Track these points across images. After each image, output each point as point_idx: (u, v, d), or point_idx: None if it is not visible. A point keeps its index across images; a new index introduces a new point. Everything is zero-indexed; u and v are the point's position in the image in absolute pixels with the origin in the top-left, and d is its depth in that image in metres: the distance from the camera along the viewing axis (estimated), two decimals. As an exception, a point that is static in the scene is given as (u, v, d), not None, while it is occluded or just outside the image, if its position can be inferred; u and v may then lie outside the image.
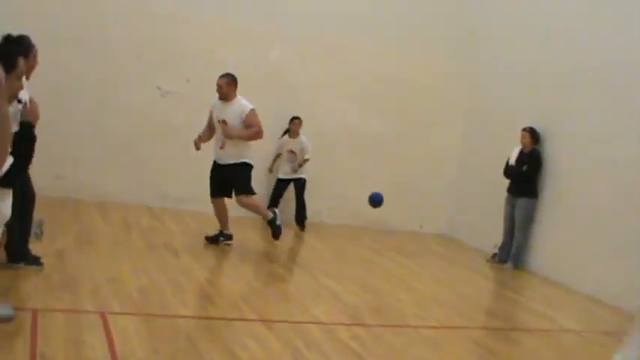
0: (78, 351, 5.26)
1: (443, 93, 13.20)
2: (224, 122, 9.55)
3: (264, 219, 9.87)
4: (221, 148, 9.62)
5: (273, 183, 12.14)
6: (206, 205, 11.36)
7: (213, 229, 10.00)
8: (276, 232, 9.75)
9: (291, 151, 11.96)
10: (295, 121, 12.00)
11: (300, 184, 12.02)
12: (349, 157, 12.67)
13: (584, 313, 9.22)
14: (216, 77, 11.66)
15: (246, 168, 9.66)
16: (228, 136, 9.50)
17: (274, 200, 11.96)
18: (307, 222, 11.89)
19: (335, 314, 7.38)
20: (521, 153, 11.22)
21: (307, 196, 11.96)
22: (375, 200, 9.52)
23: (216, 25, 11.83)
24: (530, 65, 11.82)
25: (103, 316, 6.14)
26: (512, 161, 11.28)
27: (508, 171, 11.33)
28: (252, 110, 9.53)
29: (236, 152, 9.58)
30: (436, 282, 9.88)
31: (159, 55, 11.49)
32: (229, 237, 9.81)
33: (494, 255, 11.52)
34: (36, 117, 6.04)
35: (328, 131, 12.46)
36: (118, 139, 11.37)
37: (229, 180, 9.66)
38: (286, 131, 12.09)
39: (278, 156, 12.15)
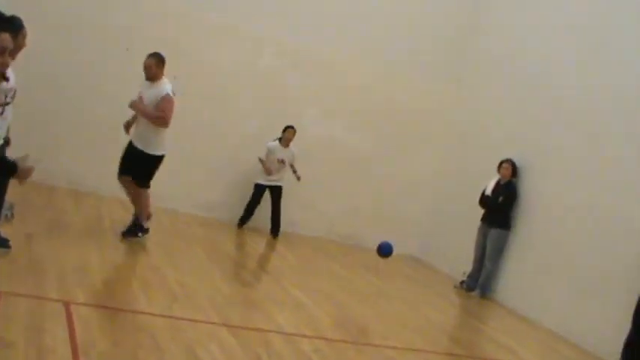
0: (38, 338, 5.22)
1: (428, 117, 13.24)
2: (141, 99, 9.10)
3: (137, 218, 9.21)
4: (129, 127, 9.26)
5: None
6: (180, 203, 11.36)
7: (188, 227, 9.95)
8: (129, 233, 9.07)
9: (281, 160, 11.84)
10: (289, 129, 11.87)
11: (277, 192, 11.93)
12: (329, 169, 12.65)
13: (545, 348, 9.25)
14: (204, 76, 11.71)
15: (152, 160, 9.14)
16: (136, 111, 9.07)
17: (251, 207, 11.89)
18: (281, 231, 11.86)
19: (299, 325, 7.36)
20: (497, 184, 11.27)
21: (283, 205, 11.95)
22: (384, 251, 9.44)
23: (207, 24, 11.79)
24: (516, 99, 11.89)
25: (66, 305, 6.10)
26: (489, 191, 11.32)
27: (483, 200, 11.38)
28: (168, 95, 9.01)
29: (145, 139, 9.06)
30: (403, 303, 9.89)
31: (148, 49, 11.40)
32: (146, 231, 9.26)
33: (463, 282, 11.55)
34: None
35: (311, 142, 12.43)
36: (99, 129, 11.30)
37: (135, 163, 9.15)
38: (278, 139, 11.90)
39: (261, 160, 11.83)
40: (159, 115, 8.91)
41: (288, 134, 11.84)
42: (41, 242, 7.93)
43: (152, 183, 11.41)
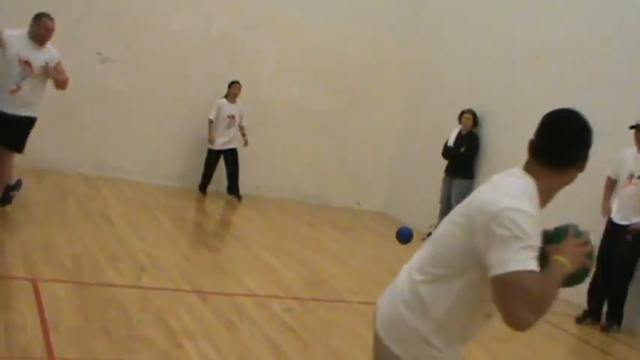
0: (6, 317, 5.21)
1: (387, 72, 13.23)
2: (28, 64, 8.16)
3: (3, 184, 8.43)
4: (14, 91, 8.11)
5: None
6: (144, 175, 11.30)
7: (152, 197, 9.92)
8: (4, 201, 8.39)
9: (231, 116, 11.69)
10: (235, 84, 11.69)
11: (233, 155, 11.81)
12: (290, 131, 12.62)
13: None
14: (160, 45, 11.57)
15: (33, 123, 8.45)
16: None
17: (208, 175, 11.78)
18: (245, 195, 11.84)
19: (269, 287, 7.43)
20: (459, 135, 11.35)
21: (246, 168, 11.91)
22: (404, 235, 9.14)
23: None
24: (474, 50, 11.92)
25: (33, 282, 6.09)
26: (451, 142, 11.39)
27: (446, 152, 11.46)
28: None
29: (32, 104, 8.32)
30: (371, 259, 9.98)
31: (99, 20, 11.28)
32: (18, 185, 8.59)
33: (430, 234, 11.63)
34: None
35: (269, 104, 12.39)
36: (55, 104, 11.12)
37: (19, 132, 8.36)
38: (225, 95, 11.76)
39: (211, 122, 11.63)
40: (68, 78, 8.50)
41: (233, 89, 11.69)
42: (4, 220, 7.89)
43: (115, 154, 11.40)
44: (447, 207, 11.47)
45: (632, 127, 8.21)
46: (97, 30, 11.30)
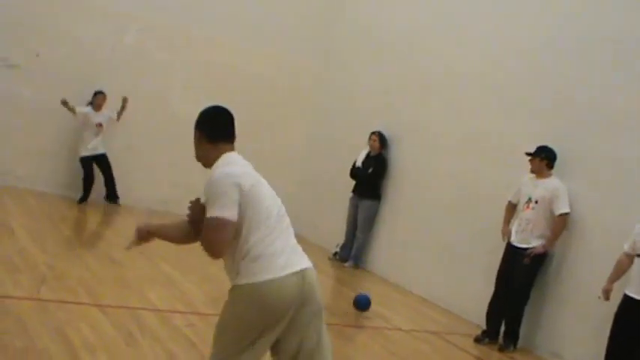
0: None
1: (296, 92, 13.34)
2: None
3: None
4: None
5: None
6: (49, 185, 11.11)
7: (54, 207, 9.75)
8: None
9: (99, 124, 11.61)
10: (100, 95, 11.59)
11: (105, 160, 11.74)
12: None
13: (416, 313, 9.59)
14: (69, 54, 11.42)
15: None
16: None
17: (89, 184, 11.57)
18: (152, 210, 11.71)
19: (171, 301, 7.39)
20: (367, 156, 11.53)
21: (153, 184, 11.82)
22: (361, 304, 8.88)
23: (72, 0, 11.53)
24: (382, 73, 12.15)
25: None
26: (359, 163, 11.56)
27: (354, 172, 11.61)
28: None
29: None
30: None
31: (7, 25, 11.06)
32: None
33: (336, 253, 11.78)
34: None
35: (178, 119, 12.24)
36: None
37: None
38: (89, 103, 11.63)
39: (65, 103, 11.28)
40: None
41: (99, 100, 11.61)
42: None
43: (20, 163, 11.16)
44: (353, 227, 11.63)
45: (527, 154, 8.51)
46: (3, 35, 11.08)
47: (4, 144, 11.24)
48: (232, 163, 4.05)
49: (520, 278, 8.36)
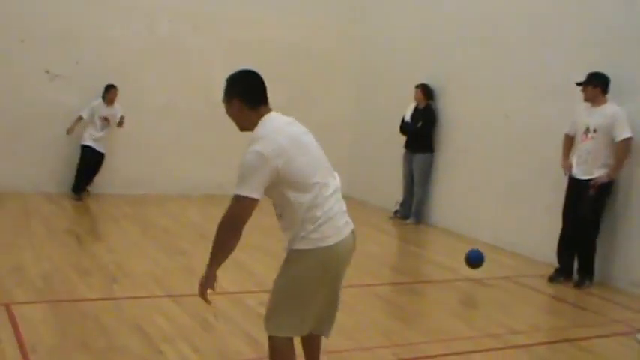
0: (-16, 344, 5.21)
1: (334, 57, 13.27)
2: None
3: None
4: None
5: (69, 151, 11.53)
6: (105, 188, 11.26)
7: (117, 210, 9.88)
8: None
9: (106, 119, 11.39)
10: (112, 89, 11.37)
11: (101, 161, 11.52)
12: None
13: (485, 260, 9.52)
14: (107, 56, 11.52)
15: None
16: None
17: (84, 172, 11.41)
18: (209, 195, 11.75)
19: (242, 283, 7.46)
20: (415, 109, 11.44)
21: (207, 168, 11.89)
22: (473, 259, 8.46)
23: (102, 2, 11.58)
24: (421, 23, 12.03)
25: (7, 306, 6.07)
26: (408, 118, 11.48)
27: (404, 128, 11.54)
28: None
29: None
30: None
31: (44, 37, 11.19)
32: None
33: (397, 212, 11.76)
34: None
35: (221, 103, 12.34)
36: (9, 126, 11.08)
37: None
38: (102, 97, 11.38)
39: (80, 119, 11.26)
40: None
41: (110, 94, 11.37)
42: (-29, 249, 7.85)
43: (74, 170, 11.34)
44: (410, 182, 11.58)
45: (578, 84, 8.34)
46: (42, 48, 11.20)
47: (56, 153, 11.40)
48: (276, 131, 4.24)
49: (587, 211, 8.23)
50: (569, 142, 8.67)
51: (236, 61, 12.19)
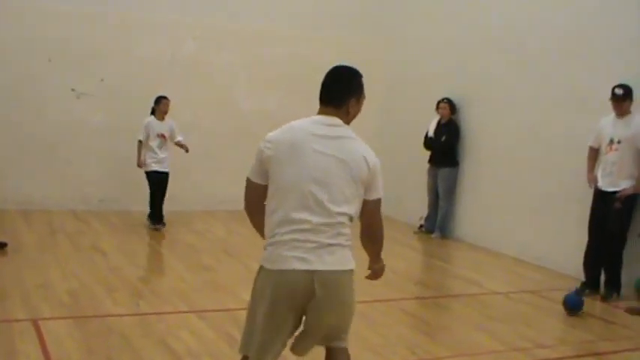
0: None
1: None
2: None
3: None
4: None
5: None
6: (129, 204, 11.32)
7: (142, 227, 9.94)
8: None
9: (161, 135, 10.60)
10: (163, 100, 10.62)
11: (166, 180, 10.75)
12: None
13: (510, 274, 9.48)
14: (132, 74, 11.61)
15: None
16: None
17: (159, 201, 10.73)
18: (232, 210, 11.72)
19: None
20: (439, 124, 11.43)
21: (229, 183, 11.86)
22: (572, 305, 7.87)
23: (126, 20, 11.67)
24: (445, 37, 12.03)
25: (34, 322, 6.13)
26: (431, 132, 11.48)
27: (428, 142, 11.53)
28: None
29: None
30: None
31: (70, 56, 11.31)
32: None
33: (422, 226, 11.74)
34: None
35: (247, 118, 12.38)
36: (36, 143, 11.18)
37: None
38: (151, 112, 10.68)
39: (140, 143, 10.57)
40: None
41: (162, 106, 10.61)
42: (0, 266, 7.91)
43: (100, 186, 11.43)
44: (435, 197, 11.56)
45: (616, 98, 8.20)
46: (68, 67, 11.32)
47: (84, 170, 11.50)
48: (291, 128, 4.24)
49: (614, 223, 8.17)
50: (594, 154, 8.63)
51: (260, 77, 12.54)
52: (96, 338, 5.92)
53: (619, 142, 8.19)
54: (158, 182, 10.63)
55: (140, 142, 10.55)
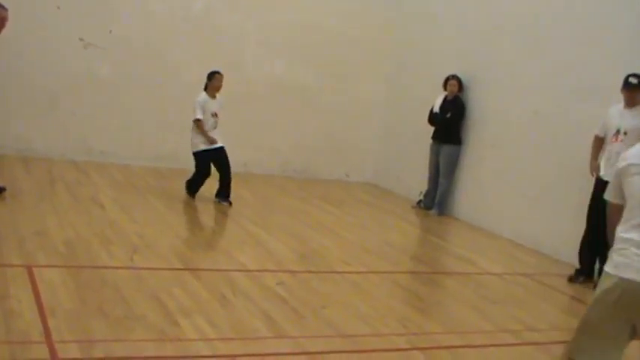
0: (3, 304, 5.26)
1: (369, 43, 13.20)
2: None
3: None
4: None
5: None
6: (131, 158, 11.32)
7: (141, 179, 9.95)
8: None
9: (215, 114, 10.04)
10: (217, 75, 10.04)
11: (224, 153, 10.11)
12: (275, 107, 12.61)
13: (506, 256, 9.49)
14: (141, 28, 11.53)
15: None
16: None
17: (203, 179, 10.12)
18: (233, 172, 11.75)
19: (261, 261, 7.49)
20: (445, 100, 11.39)
21: (233, 146, 11.89)
22: None
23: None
24: (456, 14, 11.94)
25: (28, 269, 6.14)
26: (437, 108, 11.43)
27: (432, 118, 11.49)
28: None
29: None
30: (363, 229, 10.05)
31: (79, 5, 11.23)
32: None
33: (420, 202, 11.73)
34: None
35: (254, 82, 12.37)
36: (40, 92, 11.15)
37: None
38: (204, 89, 10.10)
39: (200, 129, 9.95)
40: None
41: (216, 81, 10.02)
42: (-4, 210, 7.93)
43: (102, 138, 11.41)
44: (435, 173, 11.54)
45: (628, 86, 8.13)
46: (77, 16, 11.24)
47: (87, 121, 11.47)
48: None
49: (612, 213, 8.15)
50: (599, 143, 8.59)
51: (271, 41, 12.47)
52: (89, 289, 5.94)
53: (625, 133, 8.13)
54: (209, 161, 10.03)
55: (199, 120, 9.86)
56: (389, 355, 5.50)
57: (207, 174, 10.10)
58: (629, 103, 8.16)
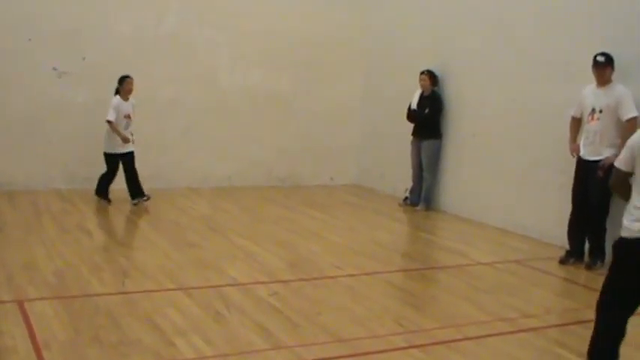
0: (-3, 341, 5.24)
1: (341, 46, 13.22)
2: None
3: None
4: None
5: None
6: (115, 182, 11.27)
7: (126, 205, 9.92)
8: None
9: (128, 116, 10.55)
10: (128, 79, 10.52)
11: (132, 157, 10.65)
12: (254, 118, 12.60)
13: (495, 245, 9.53)
14: (114, 52, 11.50)
15: None
16: None
17: (110, 180, 10.74)
18: (218, 187, 11.79)
19: (252, 274, 7.47)
20: (421, 96, 11.42)
21: (215, 160, 11.91)
22: None
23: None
24: (426, 9, 11.98)
25: (19, 303, 6.11)
26: (414, 105, 11.47)
27: (411, 115, 11.52)
28: None
29: None
30: (351, 231, 10.05)
31: (51, 35, 11.19)
32: None
33: (406, 198, 11.75)
34: None
35: (231, 94, 12.36)
36: (19, 124, 11.09)
37: None
38: (116, 91, 10.56)
39: (113, 129, 10.48)
40: None
41: (127, 84, 10.51)
42: (-18, 247, 7.89)
43: (84, 165, 11.33)
44: (419, 169, 11.58)
45: (597, 64, 8.21)
46: (49, 46, 11.19)
47: (66, 149, 11.42)
48: None
49: (597, 192, 8.19)
50: (576, 124, 8.65)
51: (243, 51, 12.47)
52: (82, 318, 5.92)
53: (600, 111, 8.21)
54: (117, 163, 10.61)
55: (110, 122, 10.39)
56: (387, 355, 5.50)
57: (116, 172, 10.67)
58: (600, 82, 8.24)
